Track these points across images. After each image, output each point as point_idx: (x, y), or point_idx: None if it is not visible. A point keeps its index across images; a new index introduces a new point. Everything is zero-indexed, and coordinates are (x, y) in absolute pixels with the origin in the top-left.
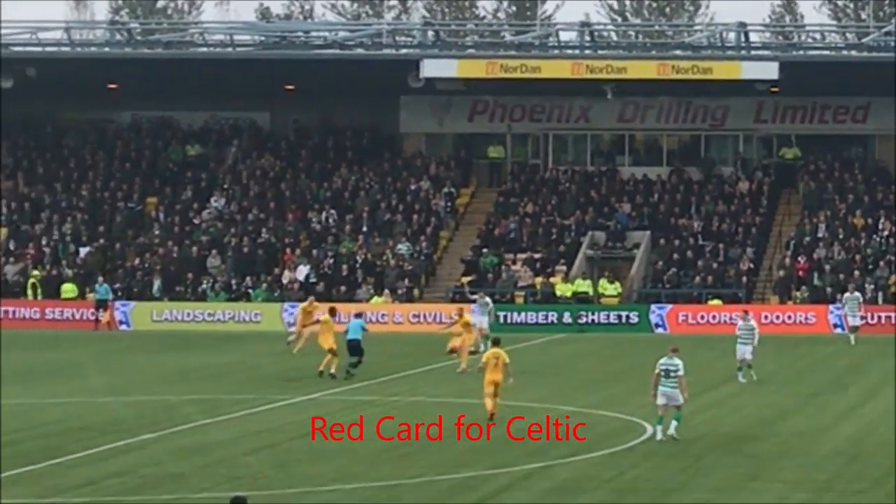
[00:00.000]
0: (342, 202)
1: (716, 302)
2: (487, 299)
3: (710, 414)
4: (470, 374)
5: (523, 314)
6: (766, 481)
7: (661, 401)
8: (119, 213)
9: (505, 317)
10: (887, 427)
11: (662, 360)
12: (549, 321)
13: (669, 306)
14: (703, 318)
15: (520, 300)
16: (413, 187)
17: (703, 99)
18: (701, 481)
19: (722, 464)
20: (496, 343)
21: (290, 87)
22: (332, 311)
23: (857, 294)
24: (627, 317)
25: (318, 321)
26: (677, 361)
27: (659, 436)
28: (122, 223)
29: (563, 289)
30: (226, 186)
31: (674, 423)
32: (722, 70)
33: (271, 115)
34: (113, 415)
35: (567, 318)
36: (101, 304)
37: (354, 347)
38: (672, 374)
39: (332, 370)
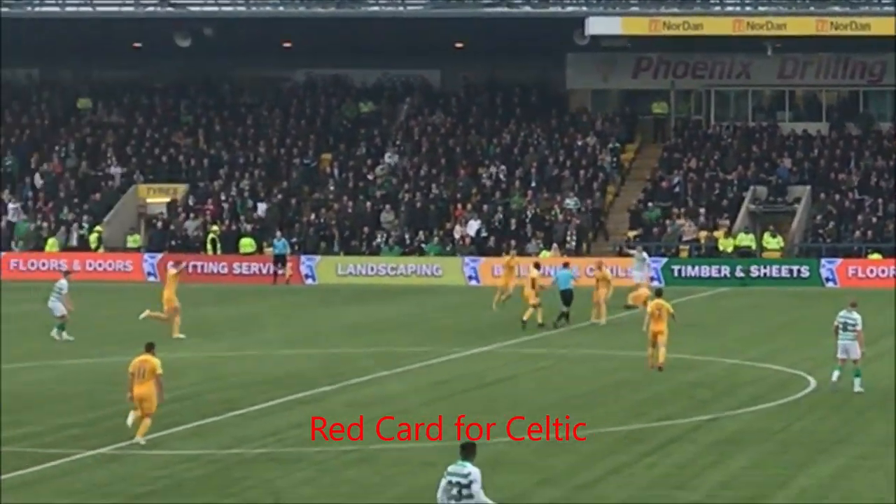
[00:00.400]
0: (511, 158)
1: (875, 256)
2: (644, 254)
3: (872, 367)
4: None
5: (688, 268)
6: None
7: (840, 354)
8: (295, 170)
9: (673, 270)
10: None
11: (841, 314)
12: (714, 275)
13: (839, 260)
14: (871, 272)
15: (684, 254)
16: (580, 143)
17: (862, 55)
18: (865, 435)
19: (886, 417)
20: (659, 294)
21: (460, 44)
22: (537, 266)
23: None
24: (798, 271)
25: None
26: (856, 315)
27: (834, 377)
28: (297, 179)
29: (725, 243)
30: (398, 143)
31: (856, 380)
32: (879, 26)
33: (441, 72)
34: (292, 367)
35: (732, 272)
36: (280, 259)
37: (568, 297)
38: (850, 328)
39: (540, 320)
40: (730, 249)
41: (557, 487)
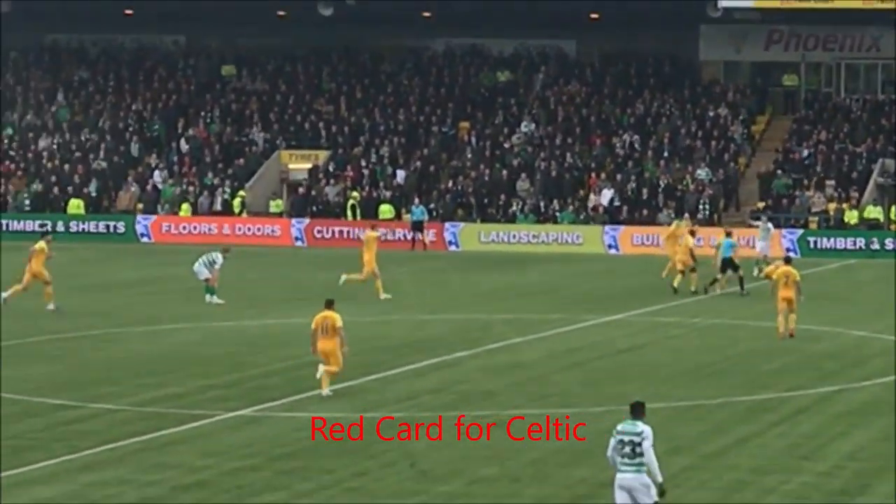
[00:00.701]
0: (644, 128)
1: None
2: (769, 224)
3: None
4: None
5: (822, 240)
6: None
7: None
8: (433, 138)
9: (808, 242)
10: None
11: None
12: (848, 247)
13: None
14: None
15: (813, 226)
16: (711, 114)
17: None
18: None
19: None
20: (787, 262)
21: (595, 15)
22: (692, 233)
23: None
24: None
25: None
26: None
27: None
28: (436, 147)
29: (850, 215)
30: (534, 112)
31: None
32: None
33: (577, 42)
34: (430, 332)
35: (866, 244)
36: (418, 226)
37: (728, 264)
38: None
39: (693, 287)
40: (855, 221)
41: (686, 455)
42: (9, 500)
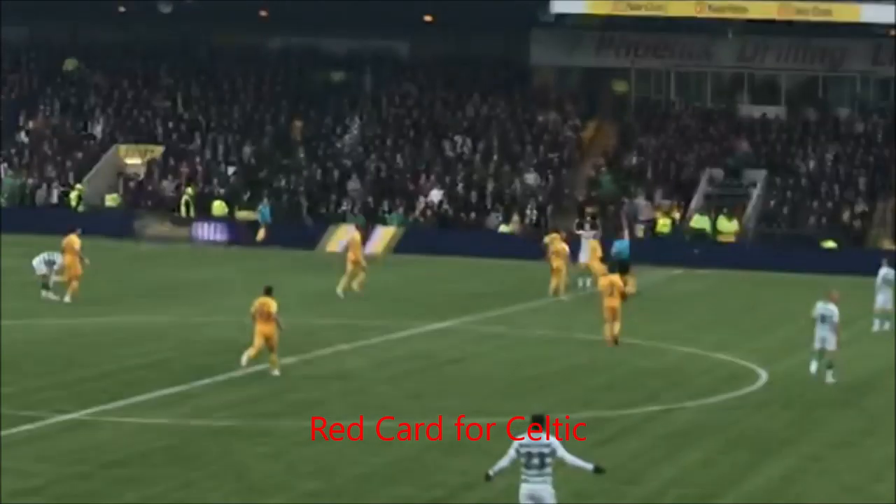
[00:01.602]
0: (475, 131)
1: (830, 244)
2: (591, 233)
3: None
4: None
5: (644, 247)
6: (880, 437)
7: (817, 344)
8: (266, 136)
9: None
10: None
11: (819, 305)
12: (672, 256)
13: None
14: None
15: (639, 234)
16: (541, 119)
17: (822, 40)
18: (815, 434)
19: (836, 417)
20: (611, 270)
21: (429, 18)
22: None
23: None
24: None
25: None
26: (832, 308)
27: (812, 369)
28: (269, 145)
29: (662, 224)
30: (365, 112)
31: (829, 371)
32: (841, 12)
33: (410, 44)
34: None
35: (688, 253)
36: (263, 224)
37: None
38: (827, 320)
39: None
40: (682, 231)
41: (508, 476)
42: None
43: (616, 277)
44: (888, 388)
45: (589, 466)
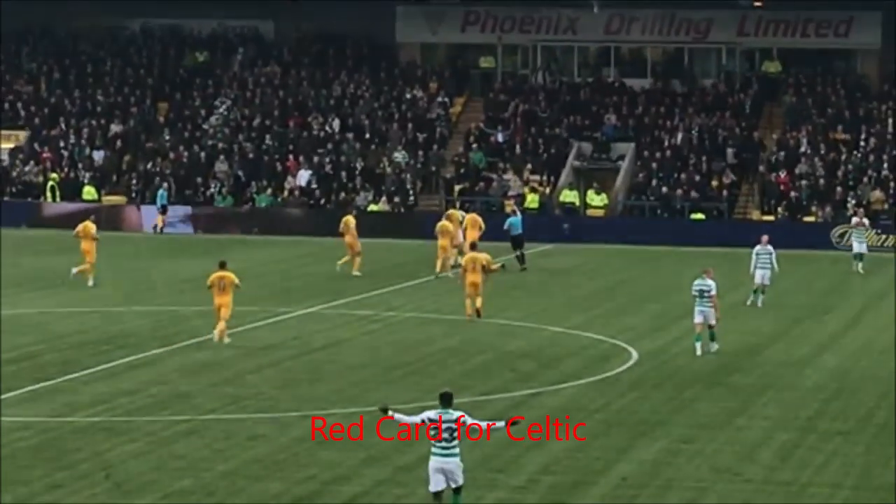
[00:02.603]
0: (342, 110)
1: (698, 216)
2: (461, 213)
3: (692, 341)
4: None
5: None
6: (750, 417)
7: (697, 319)
8: (132, 118)
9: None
10: (869, 359)
11: (697, 282)
12: (540, 231)
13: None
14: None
15: (509, 209)
16: (408, 96)
17: (687, 11)
18: (685, 415)
19: (706, 396)
20: (473, 248)
21: None
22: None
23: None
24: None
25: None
26: (710, 282)
27: (698, 352)
28: (134, 128)
29: (531, 199)
30: (231, 93)
31: (713, 344)
32: None
33: (274, 23)
34: (126, 327)
35: (558, 228)
36: (164, 210)
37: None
38: (706, 295)
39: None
40: (535, 206)
41: (381, 467)
42: None
43: (478, 254)
44: (758, 364)
45: (501, 423)
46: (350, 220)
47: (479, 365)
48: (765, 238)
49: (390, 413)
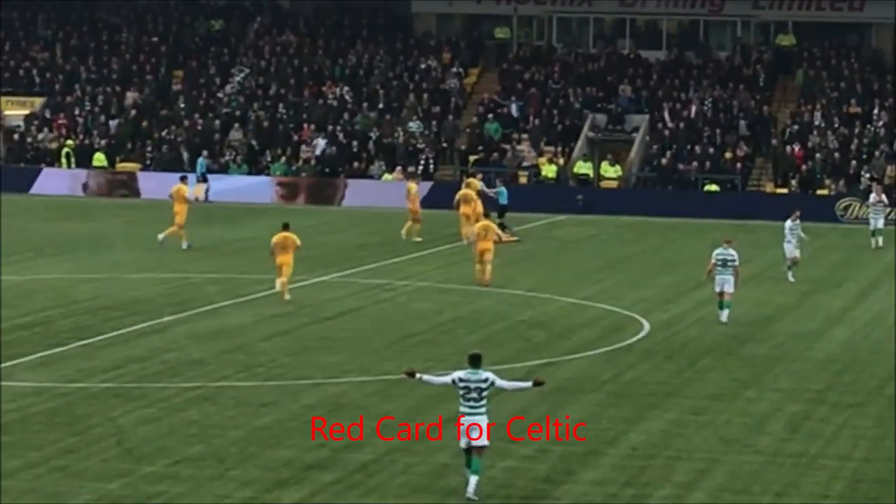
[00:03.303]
0: (357, 79)
1: (712, 187)
2: (482, 185)
3: (706, 311)
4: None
5: (527, 193)
6: (760, 389)
7: (718, 288)
8: (147, 86)
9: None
10: (880, 333)
11: (718, 251)
12: (552, 203)
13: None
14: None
15: (523, 180)
16: (423, 66)
17: None
18: (697, 386)
19: (718, 367)
20: (486, 216)
21: None
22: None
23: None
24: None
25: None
26: (733, 252)
27: (724, 318)
28: (149, 95)
29: (548, 170)
30: (247, 62)
31: (725, 311)
32: None
33: None
34: (138, 293)
35: (572, 199)
36: (203, 178)
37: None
38: (729, 264)
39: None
40: (552, 176)
41: (394, 434)
42: None
43: (490, 222)
44: (770, 336)
45: (528, 384)
46: (412, 186)
47: (490, 335)
48: (796, 213)
49: (417, 376)
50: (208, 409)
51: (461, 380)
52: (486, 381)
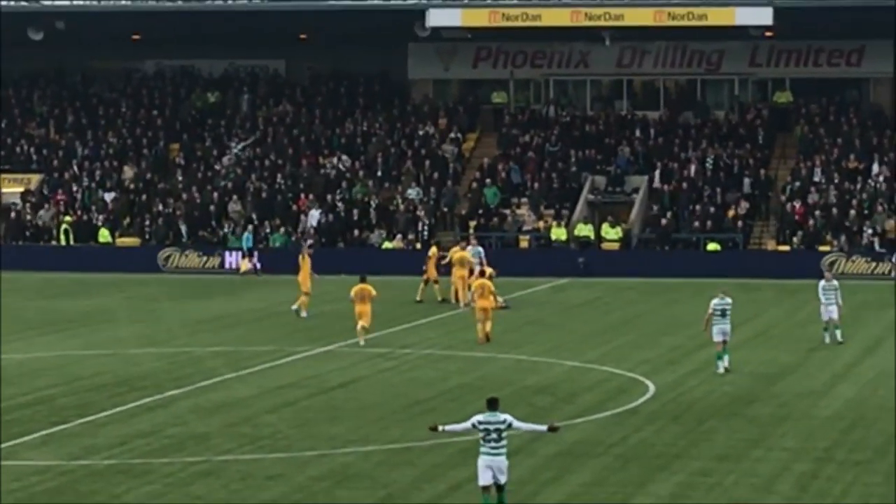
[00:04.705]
0: (355, 148)
1: (713, 246)
2: (479, 248)
3: (710, 372)
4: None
5: (528, 258)
6: (767, 448)
7: (718, 338)
8: (144, 160)
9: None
10: (887, 388)
11: (716, 301)
12: (555, 266)
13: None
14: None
15: (524, 244)
16: (421, 132)
17: (699, 43)
18: (703, 447)
19: (724, 428)
20: (482, 274)
21: (304, 35)
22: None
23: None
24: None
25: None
26: (729, 301)
27: (720, 370)
28: (146, 170)
29: (558, 233)
30: (244, 133)
31: (726, 357)
32: (716, 16)
33: (286, 63)
34: (141, 369)
35: (573, 262)
36: (250, 252)
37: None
38: (727, 314)
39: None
40: (565, 238)
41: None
42: None
43: (486, 281)
44: (775, 395)
45: (542, 428)
46: (434, 251)
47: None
48: (828, 273)
49: (440, 428)
50: (214, 484)
51: (480, 422)
52: (503, 422)
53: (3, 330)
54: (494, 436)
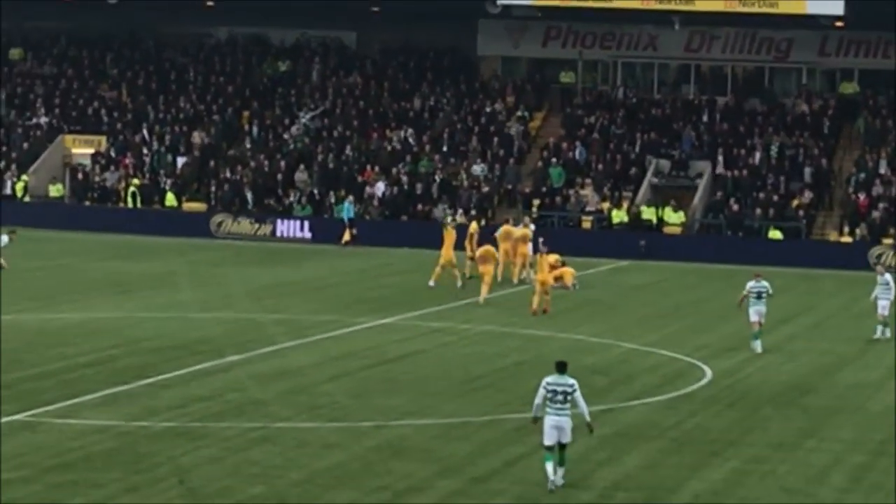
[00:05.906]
0: (422, 122)
1: (775, 234)
2: (529, 229)
3: (767, 360)
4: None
5: (590, 238)
6: (821, 439)
7: (754, 318)
8: (214, 126)
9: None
10: None
11: (752, 283)
12: (617, 247)
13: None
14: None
15: (586, 225)
16: (488, 110)
17: (768, 31)
18: (758, 435)
19: (779, 416)
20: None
21: (376, 8)
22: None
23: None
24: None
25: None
26: (765, 283)
27: (758, 349)
28: (216, 136)
29: (618, 215)
30: (312, 103)
31: (759, 341)
32: (787, 4)
33: (357, 35)
34: (202, 333)
35: (634, 244)
36: (351, 222)
37: None
38: (764, 296)
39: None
40: (628, 221)
41: (454, 478)
42: None
43: (547, 256)
44: (830, 386)
45: (587, 416)
46: (474, 227)
47: None
48: (880, 268)
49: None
50: (270, 450)
51: (549, 384)
52: (571, 385)
53: (66, 290)
54: (561, 397)
